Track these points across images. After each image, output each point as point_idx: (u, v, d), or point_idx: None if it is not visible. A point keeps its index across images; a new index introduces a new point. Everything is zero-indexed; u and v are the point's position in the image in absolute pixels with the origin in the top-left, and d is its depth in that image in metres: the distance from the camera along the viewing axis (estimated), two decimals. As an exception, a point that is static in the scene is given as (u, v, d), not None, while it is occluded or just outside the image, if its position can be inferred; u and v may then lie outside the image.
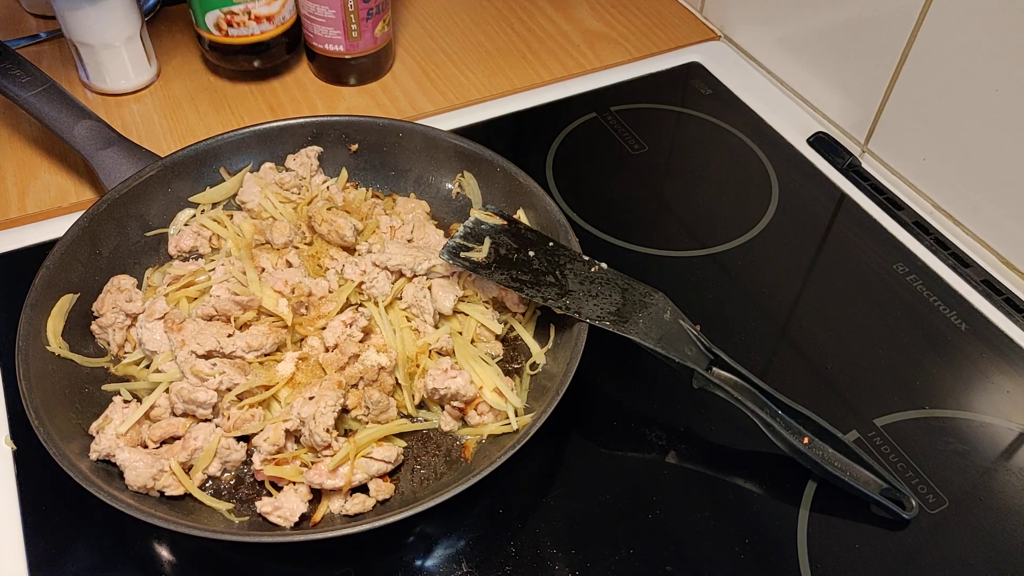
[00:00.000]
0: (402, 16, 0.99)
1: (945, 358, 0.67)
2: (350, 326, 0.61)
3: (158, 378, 0.58)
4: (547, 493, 0.58)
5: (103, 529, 0.55)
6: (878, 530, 0.56)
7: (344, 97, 0.89)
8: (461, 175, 0.73)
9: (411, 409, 0.60)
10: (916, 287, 0.72)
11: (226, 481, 0.57)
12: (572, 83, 0.92)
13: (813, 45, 0.87)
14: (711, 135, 0.87)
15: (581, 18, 1.00)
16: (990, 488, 0.59)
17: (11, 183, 0.77)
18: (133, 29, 0.83)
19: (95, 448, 0.55)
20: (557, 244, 0.64)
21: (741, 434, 0.60)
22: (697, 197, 0.81)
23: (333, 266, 0.66)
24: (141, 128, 0.84)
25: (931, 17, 0.73)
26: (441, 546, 0.55)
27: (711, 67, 0.95)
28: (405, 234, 0.69)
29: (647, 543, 0.55)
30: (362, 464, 0.55)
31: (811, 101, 0.90)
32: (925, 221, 0.78)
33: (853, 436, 0.61)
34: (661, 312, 0.60)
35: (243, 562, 0.55)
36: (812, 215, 0.79)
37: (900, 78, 0.78)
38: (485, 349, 0.63)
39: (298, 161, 0.73)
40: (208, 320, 0.61)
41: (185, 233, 0.69)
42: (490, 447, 0.58)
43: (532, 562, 0.54)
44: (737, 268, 0.74)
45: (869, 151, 0.84)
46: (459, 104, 0.88)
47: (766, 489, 0.58)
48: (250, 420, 0.56)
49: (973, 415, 0.63)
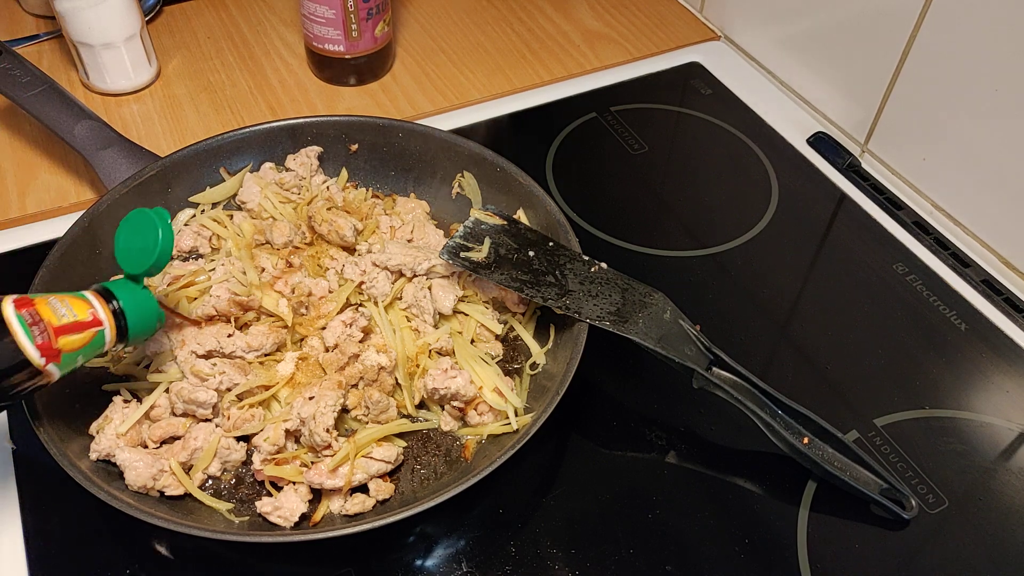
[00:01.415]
0: (402, 16, 0.99)
1: (945, 358, 0.67)
2: (350, 326, 0.61)
3: (158, 378, 0.58)
4: (547, 493, 0.58)
5: (103, 529, 0.55)
6: (878, 530, 0.56)
7: (344, 97, 0.89)
8: (461, 175, 0.73)
9: (411, 409, 0.60)
10: (916, 287, 0.72)
11: (226, 481, 0.57)
12: (572, 83, 0.92)
13: (813, 45, 0.87)
14: (711, 135, 0.87)
15: (581, 18, 1.00)
16: (990, 488, 0.59)
17: (11, 183, 0.77)
18: (133, 29, 0.83)
19: (95, 448, 0.55)
20: (557, 244, 0.64)
21: (741, 434, 0.60)
22: (697, 197, 0.81)
23: (333, 266, 0.66)
24: (141, 128, 0.84)
25: (931, 17, 0.73)
26: (441, 546, 0.55)
27: (711, 67, 0.95)
28: (405, 234, 0.69)
29: (647, 543, 0.55)
30: (362, 464, 0.55)
31: (811, 101, 0.90)
32: (925, 221, 0.78)
33: (853, 436, 0.61)
34: (661, 312, 0.60)
35: (243, 562, 0.55)
36: (812, 215, 0.79)
37: (900, 78, 0.78)
38: (485, 349, 0.63)
39: (298, 161, 0.73)
40: (208, 320, 0.61)
41: (185, 233, 0.69)
42: (490, 447, 0.58)
43: (532, 562, 0.54)
44: (737, 268, 0.74)
45: (869, 151, 0.84)
46: (459, 104, 0.88)
47: (766, 489, 0.58)
48: (250, 420, 0.56)
49: (973, 415, 0.63)
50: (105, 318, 0.50)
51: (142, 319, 0.52)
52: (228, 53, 0.93)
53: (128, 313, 0.51)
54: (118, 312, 0.51)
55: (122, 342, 0.52)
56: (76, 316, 0.49)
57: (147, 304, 0.53)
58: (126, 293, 0.52)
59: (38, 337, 0.47)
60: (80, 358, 0.49)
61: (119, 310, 0.51)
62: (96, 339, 0.50)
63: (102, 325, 0.50)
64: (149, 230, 0.51)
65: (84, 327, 0.49)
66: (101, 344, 0.50)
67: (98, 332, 0.50)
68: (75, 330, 0.49)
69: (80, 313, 0.49)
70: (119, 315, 0.51)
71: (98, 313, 0.50)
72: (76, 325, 0.49)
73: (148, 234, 0.51)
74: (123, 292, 0.52)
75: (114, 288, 0.52)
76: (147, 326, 0.53)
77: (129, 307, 0.51)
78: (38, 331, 0.47)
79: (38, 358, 0.47)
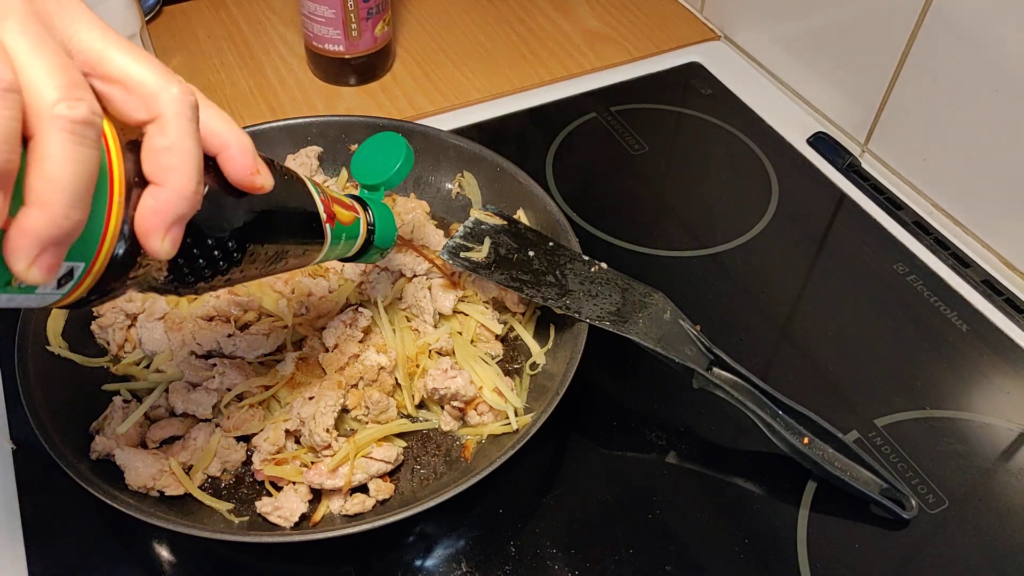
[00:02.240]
0: (402, 16, 0.99)
1: (945, 358, 0.67)
2: (350, 326, 0.61)
3: (158, 378, 0.58)
4: (547, 493, 0.58)
5: (103, 529, 0.55)
6: (878, 530, 0.56)
7: (344, 97, 0.89)
8: (461, 175, 0.73)
9: (411, 409, 0.60)
10: (916, 287, 0.72)
11: (226, 481, 0.57)
12: (572, 83, 0.92)
13: (813, 45, 0.87)
14: (711, 135, 0.87)
15: (581, 18, 1.00)
16: (990, 488, 0.59)
17: (11, 183, 0.77)
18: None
19: (95, 448, 0.55)
20: (557, 244, 0.64)
21: (741, 434, 0.60)
22: (697, 197, 0.81)
23: (333, 266, 0.66)
24: (141, 128, 0.83)
25: (931, 17, 0.73)
26: (441, 546, 0.55)
27: (711, 67, 0.95)
28: (405, 234, 0.69)
29: (647, 543, 0.55)
30: (362, 464, 0.55)
31: (811, 101, 0.90)
32: (925, 221, 0.78)
33: (853, 436, 0.61)
34: (661, 312, 0.60)
35: (243, 562, 0.55)
36: (812, 215, 0.79)
37: (900, 78, 0.78)
38: (485, 349, 0.63)
39: (298, 161, 0.73)
40: (208, 320, 0.61)
41: (185, 233, 0.69)
42: (490, 447, 0.58)
43: (532, 562, 0.54)
44: (737, 268, 0.74)
45: (869, 151, 0.84)
46: (459, 104, 0.88)
47: (766, 489, 0.58)
48: (250, 420, 0.56)
49: (973, 415, 0.63)
50: (360, 211, 0.52)
51: (386, 229, 0.55)
52: (228, 53, 0.93)
53: (377, 220, 0.54)
54: (370, 219, 0.53)
55: (367, 248, 0.54)
56: (342, 198, 0.50)
57: (389, 218, 0.56)
58: (373, 205, 0.54)
59: (321, 195, 0.47)
60: (342, 238, 0.49)
61: (372, 217, 0.53)
62: (355, 225, 0.51)
63: (359, 214, 0.52)
64: (394, 148, 0.56)
65: (350, 208, 0.51)
66: (356, 233, 0.51)
67: (357, 219, 0.51)
68: (344, 206, 0.50)
69: (343, 199, 0.51)
70: (371, 222, 0.53)
71: (356, 206, 0.52)
72: (344, 203, 0.50)
73: (392, 150, 0.56)
74: (371, 204, 0.54)
75: (364, 198, 0.55)
76: (388, 237, 0.55)
77: (378, 215, 0.54)
78: (319, 193, 0.47)
79: (322, 211, 0.47)
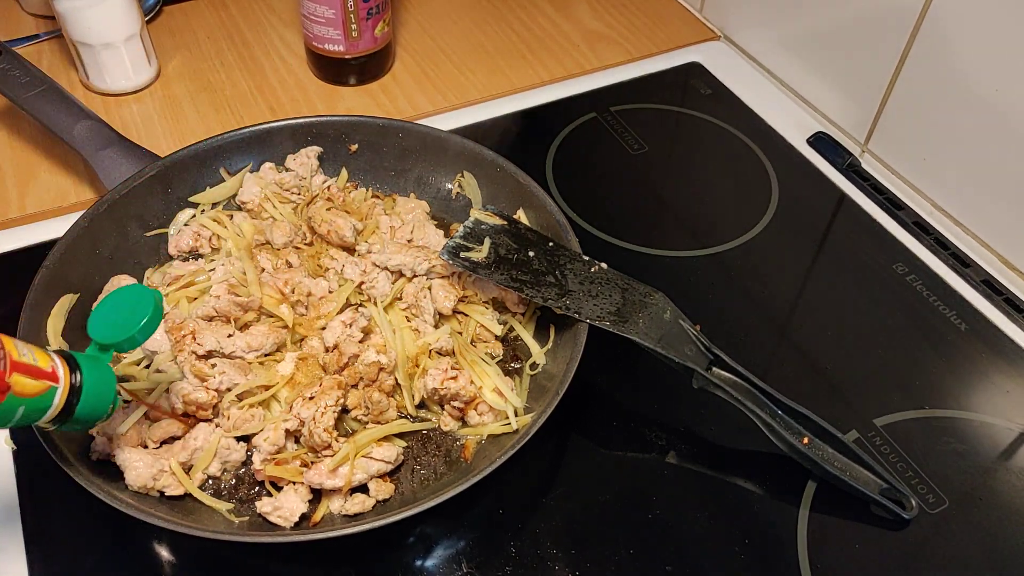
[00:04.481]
0: (402, 16, 0.99)
1: (945, 358, 0.67)
2: (350, 326, 0.61)
3: (158, 378, 0.58)
4: (547, 493, 0.58)
5: (103, 529, 0.55)
6: (878, 530, 0.56)
7: (344, 97, 0.89)
8: (461, 175, 0.73)
9: (411, 409, 0.60)
10: (916, 287, 0.72)
11: (226, 481, 0.57)
12: (572, 83, 0.92)
13: (813, 45, 0.87)
14: (711, 135, 0.87)
15: (581, 18, 1.00)
16: (990, 488, 0.59)
17: (11, 183, 0.77)
18: (133, 29, 0.83)
19: (95, 448, 0.55)
20: (557, 244, 0.64)
21: (741, 434, 0.60)
22: (697, 197, 0.81)
23: (333, 266, 0.66)
24: (141, 128, 0.84)
25: (931, 17, 0.73)
26: (441, 546, 0.55)
27: (711, 67, 0.95)
28: (405, 234, 0.69)
29: (647, 543, 0.55)
30: (362, 464, 0.55)
31: (811, 101, 0.90)
32: (925, 221, 0.78)
33: (853, 436, 0.61)
34: (661, 312, 0.60)
35: (243, 562, 0.55)
36: (812, 215, 0.79)
37: (900, 78, 0.78)
38: (485, 349, 0.63)
39: (298, 161, 0.73)
40: (208, 320, 0.61)
41: (185, 233, 0.69)
42: (490, 447, 0.58)
43: (532, 562, 0.54)
44: (737, 268, 0.74)
45: (869, 151, 0.84)
46: (459, 104, 0.88)
47: (766, 489, 0.58)
48: (250, 420, 0.56)
49: (973, 415, 0.63)
50: (63, 379, 0.45)
51: (98, 398, 0.47)
52: (228, 53, 0.93)
53: (85, 388, 0.46)
54: (76, 386, 0.46)
55: (64, 418, 0.46)
56: (37, 362, 0.44)
57: (109, 384, 0.48)
58: (90, 368, 0.47)
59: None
60: (19, 412, 0.43)
61: (78, 384, 0.46)
62: (46, 396, 0.44)
63: (58, 383, 0.45)
64: (142, 302, 0.48)
65: (42, 375, 0.44)
66: (47, 405, 0.44)
67: (50, 389, 0.44)
68: (32, 374, 0.43)
69: (42, 362, 0.44)
70: (75, 389, 0.46)
71: (58, 370, 0.45)
72: (35, 370, 0.43)
73: (139, 306, 0.47)
74: (88, 366, 0.47)
75: (80, 360, 0.47)
76: (99, 407, 0.48)
77: (89, 382, 0.46)
78: None
79: None
